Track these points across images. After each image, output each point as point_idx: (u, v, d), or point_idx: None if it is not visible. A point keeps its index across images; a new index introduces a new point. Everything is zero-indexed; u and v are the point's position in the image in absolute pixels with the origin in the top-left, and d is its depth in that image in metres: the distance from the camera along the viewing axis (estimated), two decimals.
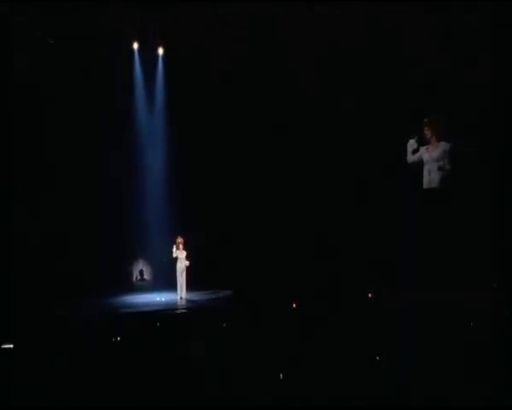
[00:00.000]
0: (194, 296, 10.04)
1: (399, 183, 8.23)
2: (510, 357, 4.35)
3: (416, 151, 6.78)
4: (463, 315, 5.25)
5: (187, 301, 9.74)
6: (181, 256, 9.96)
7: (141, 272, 12.10)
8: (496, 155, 7.35)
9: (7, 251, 8.54)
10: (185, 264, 9.97)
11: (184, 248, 10.01)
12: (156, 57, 11.87)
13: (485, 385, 4.00)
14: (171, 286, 10.37)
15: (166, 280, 10.82)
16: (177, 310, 8.91)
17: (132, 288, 11.61)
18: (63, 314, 7.74)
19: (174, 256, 9.95)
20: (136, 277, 12.09)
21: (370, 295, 6.94)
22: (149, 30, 10.72)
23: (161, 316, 7.95)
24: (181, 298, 9.91)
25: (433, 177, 6.55)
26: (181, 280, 9.96)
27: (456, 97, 7.76)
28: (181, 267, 9.99)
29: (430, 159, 6.58)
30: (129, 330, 6.37)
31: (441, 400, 3.95)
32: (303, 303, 6.85)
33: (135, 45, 11.55)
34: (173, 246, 9.95)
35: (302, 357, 4.91)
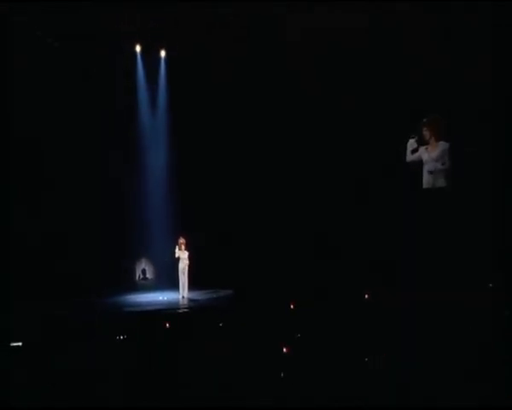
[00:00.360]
0: (195, 296, 10.05)
1: (399, 183, 8.18)
2: (510, 357, 4.31)
3: (416, 151, 6.74)
4: (463, 315, 5.21)
5: (189, 300, 9.78)
6: (183, 256, 10.04)
7: (143, 272, 12.17)
8: (496, 155, 7.30)
9: (7, 251, 8.49)
10: (186, 263, 10.01)
11: (186, 248, 10.08)
12: (158, 59, 11.86)
13: (485, 385, 3.96)
14: (173, 285, 10.38)
15: (168, 279, 10.83)
16: (180, 309, 8.94)
17: (135, 287, 11.62)
18: (65, 314, 7.71)
19: (176, 256, 10.03)
20: (138, 276, 12.14)
21: (367, 296, 6.91)
22: (151, 32, 10.68)
23: (164, 315, 7.91)
24: (183, 297, 9.95)
25: (433, 177, 6.49)
26: (183, 280, 10.01)
27: (456, 97, 7.71)
28: (183, 267, 10.04)
29: (429, 159, 6.53)
30: (133, 328, 6.35)
31: (441, 400, 3.91)
32: (301, 304, 6.82)
33: (137, 48, 11.54)
34: (176, 247, 10.01)
35: (301, 357, 4.87)
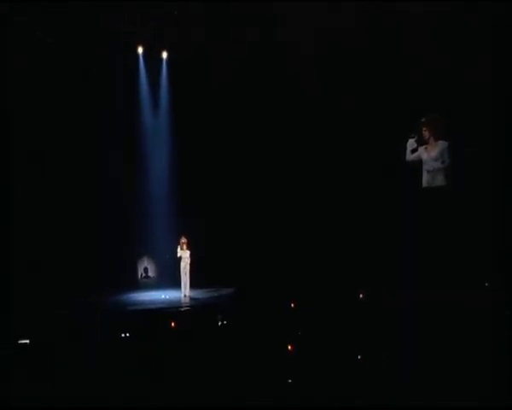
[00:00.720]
0: (197, 294, 10.05)
1: (399, 182, 8.15)
2: (510, 357, 4.28)
3: (415, 150, 6.72)
4: (463, 315, 5.18)
5: (190, 298, 9.80)
6: (184, 256, 10.07)
7: (145, 270, 12.13)
8: (496, 155, 7.25)
9: (9, 250, 8.45)
10: (188, 262, 10.03)
11: (188, 247, 10.11)
12: (160, 61, 11.79)
13: (485, 385, 3.93)
14: (174, 283, 10.40)
15: (170, 277, 10.85)
16: (182, 307, 8.95)
17: (137, 285, 11.60)
18: (67, 313, 7.67)
19: (178, 256, 10.07)
20: (140, 274, 12.11)
21: (362, 295, 6.91)
22: (153, 33, 10.61)
23: (166, 313, 7.94)
24: (185, 296, 9.97)
25: (432, 176, 6.49)
26: (185, 279, 10.04)
27: (456, 97, 7.67)
28: (184, 266, 10.06)
29: (429, 158, 6.54)
30: (136, 327, 6.34)
31: (441, 400, 3.88)
32: (302, 303, 6.80)
33: (139, 49, 11.46)
34: (177, 247, 10.05)
35: (302, 356, 4.84)
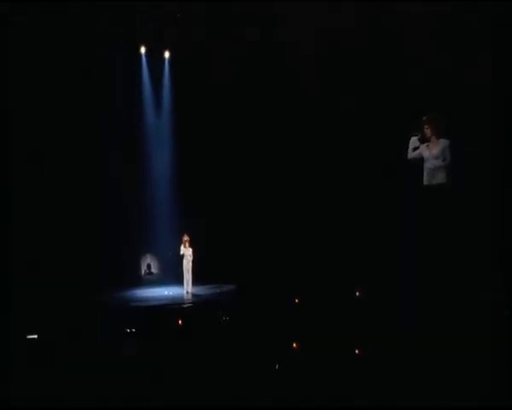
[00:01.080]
0: (199, 291, 10.08)
1: (399, 180, 8.13)
2: (510, 357, 4.27)
3: (417, 148, 6.71)
4: (463, 315, 5.16)
5: (193, 295, 9.83)
6: (187, 253, 10.12)
7: (148, 266, 12.20)
8: (496, 155, 7.21)
9: (11, 249, 8.41)
10: (190, 259, 10.07)
11: (190, 245, 10.14)
12: (163, 60, 11.76)
13: (485, 385, 3.93)
14: (177, 279, 10.44)
15: (173, 273, 10.88)
16: (184, 304, 9.01)
17: (140, 281, 11.64)
18: (70, 309, 7.68)
19: (181, 253, 10.11)
20: (144, 271, 12.17)
21: (358, 293, 6.92)
22: (154, 32, 10.54)
23: (169, 310, 8.03)
24: (187, 292, 10.00)
25: (433, 173, 6.48)
26: (187, 276, 10.08)
27: (456, 97, 7.63)
28: (187, 264, 10.10)
29: (430, 156, 6.54)
30: (140, 322, 6.36)
31: (441, 400, 3.88)
32: (304, 299, 6.81)
33: (142, 49, 11.42)
34: (181, 245, 10.09)
35: (302, 355, 4.83)
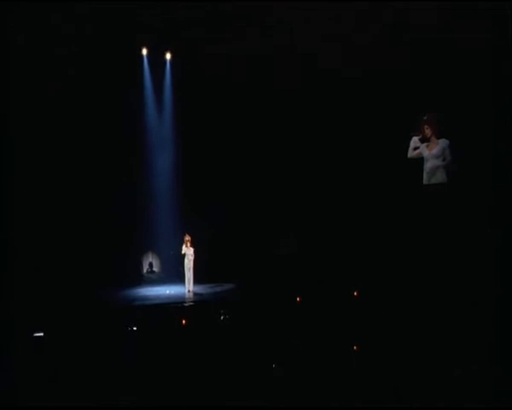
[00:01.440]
0: (200, 289, 10.08)
1: (399, 179, 8.12)
2: (510, 357, 4.24)
3: (418, 148, 6.73)
4: (463, 314, 5.14)
5: (194, 294, 9.83)
6: (188, 253, 10.11)
7: (150, 265, 12.27)
8: (496, 155, 7.16)
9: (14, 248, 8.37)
10: (191, 259, 10.04)
11: (191, 245, 10.14)
12: (164, 62, 11.71)
13: (485, 385, 3.90)
14: (178, 278, 10.45)
15: (174, 272, 10.90)
16: (186, 303, 8.99)
17: (142, 279, 11.67)
18: (73, 308, 7.67)
19: (183, 253, 10.12)
20: (146, 269, 12.22)
21: (356, 294, 6.91)
22: (157, 34, 10.49)
23: (172, 308, 8.03)
24: (189, 291, 10.00)
25: (433, 173, 6.50)
26: (188, 275, 10.07)
27: (456, 97, 7.61)
28: (188, 263, 10.08)
29: (430, 156, 6.56)
30: (142, 321, 6.39)
31: (441, 400, 3.85)
32: (304, 299, 6.80)
33: (144, 51, 11.40)
34: (182, 245, 10.09)
35: (302, 355, 4.81)
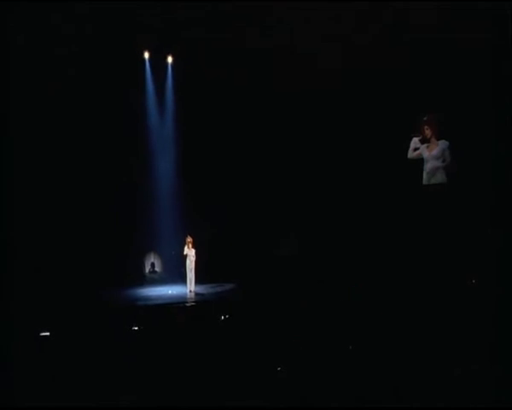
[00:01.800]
0: (201, 290, 10.11)
1: (399, 179, 8.09)
2: (510, 357, 4.18)
3: (418, 149, 6.71)
4: (463, 314, 5.09)
5: (196, 294, 9.87)
6: (190, 254, 10.16)
7: (152, 265, 12.32)
8: (496, 155, 7.13)
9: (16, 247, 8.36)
10: (193, 260, 10.09)
11: (193, 246, 10.19)
12: (166, 65, 11.74)
13: (485, 385, 3.85)
14: (179, 277, 10.52)
15: (176, 272, 10.95)
16: (187, 303, 9.02)
17: (144, 280, 11.73)
18: (75, 308, 7.66)
19: (184, 254, 10.17)
20: (148, 269, 12.28)
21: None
22: (158, 37, 10.49)
23: (173, 308, 8.02)
24: (190, 291, 10.04)
25: (433, 174, 6.47)
26: (190, 275, 10.12)
27: (456, 97, 7.58)
28: (190, 264, 10.13)
29: (430, 157, 6.54)
30: (144, 321, 6.32)
31: (441, 400, 3.81)
32: (304, 301, 6.76)
33: (145, 54, 11.43)
34: (184, 246, 10.14)
35: (303, 355, 4.77)
